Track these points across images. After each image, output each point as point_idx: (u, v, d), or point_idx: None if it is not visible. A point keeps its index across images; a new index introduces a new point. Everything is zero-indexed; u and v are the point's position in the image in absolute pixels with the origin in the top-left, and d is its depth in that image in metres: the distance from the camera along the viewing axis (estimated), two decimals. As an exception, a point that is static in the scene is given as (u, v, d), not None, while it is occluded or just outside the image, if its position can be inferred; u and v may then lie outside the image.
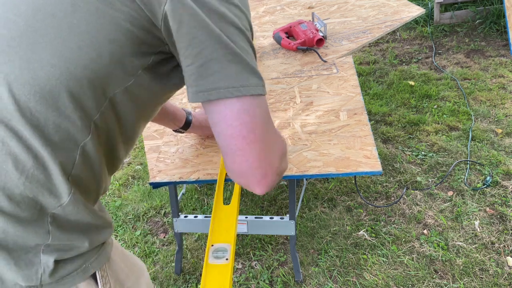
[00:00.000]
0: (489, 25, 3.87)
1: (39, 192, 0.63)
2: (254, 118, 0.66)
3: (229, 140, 0.67)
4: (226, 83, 0.64)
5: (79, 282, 0.70)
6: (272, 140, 0.72)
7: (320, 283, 1.79)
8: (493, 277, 1.71)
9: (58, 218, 0.65)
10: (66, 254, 0.68)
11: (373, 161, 1.32)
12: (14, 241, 0.63)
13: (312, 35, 1.87)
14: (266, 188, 0.73)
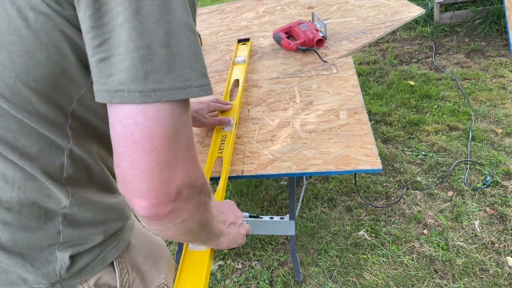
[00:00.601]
0: (489, 25, 3.87)
1: (37, 199, 0.62)
2: (157, 126, 0.52)
3: (117, 138, 0.53)
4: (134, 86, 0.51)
5: (99, 271, 0.70)
6: (179, 159, 0.55)
7: (320, 283, 1.78)
8: (493, 277, 1.71)
9: (68, 217, 0.65)
10: (81, 248, 0.67)
11: (373, 159, 1.32)
12: (25, 246, 0.63)
13: (312, 36, 1.87)
14: (150, 211, 0.56)
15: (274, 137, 1.49)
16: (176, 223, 0.60)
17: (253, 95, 1.69)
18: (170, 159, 0.54)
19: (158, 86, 0.51)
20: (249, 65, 1.88)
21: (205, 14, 2.46)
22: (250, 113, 1.61)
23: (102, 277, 0.71)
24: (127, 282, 0.75)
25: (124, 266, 0.74)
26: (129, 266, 0.76)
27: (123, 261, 0.75)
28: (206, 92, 0.56)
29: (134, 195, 0.55)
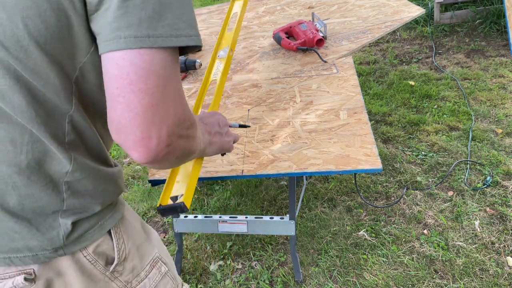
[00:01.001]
0: (489, 25, 3.87)
1: (43, 163, 0.66)
2: (151, 67, 0.57)
3: (113, 81, 0.58)
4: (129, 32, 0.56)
5: (97, 238, 0.75)
6: (170, 101, 0.60)
7: (320, 283, 1.78)
8: (493, 277, 1.71)
9: (71, 186, 0.70)
10: (82, 216, 0.72)
11: (373, 158, 1.32)
12: (32, 211, 0.68)
13: (312, 35, 1.87)
14: (146, 155, 0.60)
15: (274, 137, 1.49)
16: (171, 161, 0.66)
17: (253, 95, 1.69)
18: (163, 100, 0.58)
19: (151, 32, 0.57)
20: (249, 65, 1.88)
21: (205, 14, 2.45)
22: (250, 113, 1.61)
23: (100, 245, 0.77)
24: (124, 252, 0.81)
25: (120, 236, 0.80)
26: (125, 237, 0.81)
27: (119, 231, 0.80)
28: (195, 41, 0.61)
29: (130, 140, 0.59)
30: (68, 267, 0.75)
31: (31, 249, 0.70)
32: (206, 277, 1.88)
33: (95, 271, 0.78)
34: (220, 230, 1.74)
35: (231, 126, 1.14)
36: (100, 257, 0.78)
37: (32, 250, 0.71)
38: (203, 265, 1.93)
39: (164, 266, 0.92)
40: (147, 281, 0.88)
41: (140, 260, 0.87)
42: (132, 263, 0.84)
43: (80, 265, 0.76)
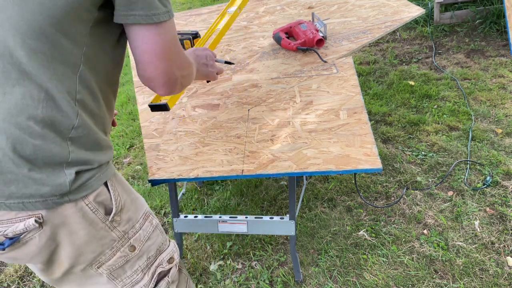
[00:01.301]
0: (489, 25, 3.87)
1: (54, 116, 0.82)
2: (165, 40, 0.87)
3: (144, 54, 0.87)
4: (142, 12, 0.83)
5: (97, 187, 0.90)
6: (177, 58, 0.92)
7: (320, 283, 1.78)
8: (493, 277, 1.71)
9: (74, 140, 0.86)
10: (83, 168, 0.88)
11: (373, 158, 1.32)
12: (43, 160, 0.82)
13: (312, 36, 1.87)
14: (167, 91, 0.94)
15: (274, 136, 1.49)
16: (181, 90, 1.00)
17: (253, 95, 1.69)
18: (175, 61, 0.91)
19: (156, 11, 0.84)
20: (249, 65, 1.88)
21: (205, 14, 2.46)
22: (250, 113, 1.61)
23: (99, 195, 0.91)
24: (120, 203, 0.95)
25: (115, 189, 0.95)
26: (119, 190, 0.96)
27: (114, 185, 0.95)
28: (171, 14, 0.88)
29: (156, 86, 0.92)
30: (72, 214, 0.88)
31: (42, 195, 0.83)
32: (206, 277, 1.88)
33: (97, 220, 0.91)
34: (220, 230, 1.74)
35: (218, 61, 1.47)
36: (100, 206, 0.91)
37: (43, 196, 0.83)
38: (203, 265, 1.94)
39: (154, 219, 1.07)
40: (142, 232, 1.02)
41: (134, 212, 1.00)
42: (128, 214, 0.98)
43: (83, 212, 0.89)
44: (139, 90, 1.82)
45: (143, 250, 1.03)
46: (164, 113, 1.66)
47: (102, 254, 0.95)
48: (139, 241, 1.01)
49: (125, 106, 3.50)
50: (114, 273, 1.00)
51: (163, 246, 1.09)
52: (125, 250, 0.98)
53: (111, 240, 0.95)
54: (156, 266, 1.07)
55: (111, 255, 0.96)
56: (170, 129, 1.58)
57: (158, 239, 1.07)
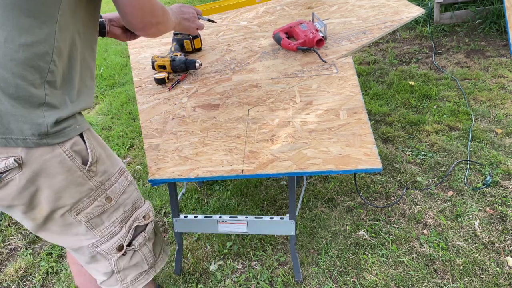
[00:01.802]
0: (489, 25, 3.87)
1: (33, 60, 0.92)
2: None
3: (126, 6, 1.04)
4: None
5: (73, 136, 1.00)
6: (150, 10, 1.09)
7: (320, 283, 1.78)
8: (493, 277, 1.71)
9: (51, 84, 0.96)
10: (60, 113, 0.97)
11: (373, 158, 1.32)
12: (24, 100, 0.92)
13: (312, 36, 1.87)
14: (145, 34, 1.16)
15: (274, 136, 1.49)
16: (157, 33, 1.19)
17: (253, 95, 1.69)
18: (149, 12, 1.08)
19: None
20: (249, 65, 1.88)
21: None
22: (250, 113, 1.61)
23: (75, 144, 1.00)
24: (96, 154, 1.05)
25: (91, 142, 1.04)
26: (95, 143, 1.05)
27: (90, 137, 1.04)
28: None
29: (136, 28, 1.10)
30: (51, 159, 0.96)
31: (23, 132, 0.92)
32: (206, 277, 1.88)
33: (74, 167, 1.00)
34: (220, 230, 1.74)
35: (201, 19, 1.62)
36: (77, 154, 1.00)
37: (23, 134, 0.92)
38: (203, 265, 1.94)
39: (129, 175, 1.17)
40: (117, 185, 1.11)
41: (110, 166, 1.10)
42: (103, 167, 1.07)
43: (61, 159, 0.98)
44: (139, 90, 1.82)
45: (119, 203, 1.13)
46: (164, 113, 1.66)
47: (80, 201, 1.04)
48: (115, 193, 1.11)
49: (125, 106, 3.51)
50: (92, 222, 1.09)
51: (139, 203, 1.20)
52: (102, 200, 1.08)
53: (88, 188, 1.05)
54: (132, 220, 1.17)
55: (88, 203, 1.06)
56: (170, 129, 1.58)
57: (133, 194, 1.17)
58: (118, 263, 1.19)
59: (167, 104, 1.70)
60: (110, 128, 3.21)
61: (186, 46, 2.00)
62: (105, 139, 3.05)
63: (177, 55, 1.86)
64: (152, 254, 1.28)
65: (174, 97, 1.74)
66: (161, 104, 1.71)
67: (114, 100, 3.63)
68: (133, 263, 1.23)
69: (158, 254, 1.32)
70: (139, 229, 1.21)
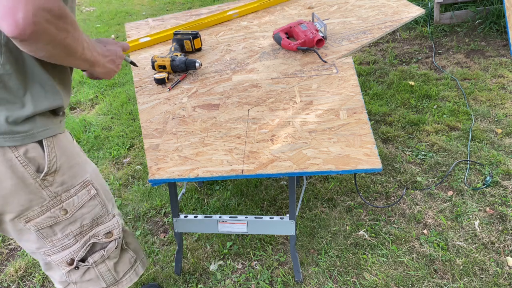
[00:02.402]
0: (489, 25, 3.87)
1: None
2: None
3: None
4: None
5: (27, 143, 0.91)
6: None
7: (320, 283, 1.78)
8: (493, 277, 1.71)
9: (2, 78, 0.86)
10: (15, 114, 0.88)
11: (373, 158, 1.32)
12: None
13: (312, 36, 1.87)
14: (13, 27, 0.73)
15: (274, 136, 1.49)
16: (42, 43, 0.79)
17: (253, 95, 1.69)
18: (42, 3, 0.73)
19: None
20: (249, 65, 1.88)
21: (205, 14, 2.46)
22: (250, 113, 1.61)
23: (30, 151, 0.92)
24: (55, 164, 0.96)
25: (53, 150, 0.95)
26: (58, 152, 0.96)
27: (52, 146, 0.95)
28: None
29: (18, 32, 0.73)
30: (1, 162, 0.89)
31: None
32: (206, 277, 1.88)
33: (26, 175, 0.93)
34: (220, 230, 1.74)
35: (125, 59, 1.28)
36: (31, 162, 0.92)
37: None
38: (203, 265, 1.94)
39: (93, 190, 1.08)
40: (76, 198, 1.03)
41: (71, 178, 1.01)
42: (62, 178, 0.99)
43: (11, 164, 0.90)
44: (139, 90, 1.82)
45: (76, 216, 1.05)
46: (164, 113, 1.66)
47: (30, 210, 0.98)
48: (72, 206, 1.04)
49: (125, 106, 3.51)
50: (43, 232, 1.03)
51: (102, 219, 1.11)
52: (55, 211, 1.01)
53: (40, 198, 0.98)
54: (90, 236, 1.10)
55: (40, 212, 0.99)
56: (170, 129, 1.58)
57: (95, 209, 1.09)
58: (69, 275, 1.14)
59: (167, 104, 1.70)
60: (110, 128, 3.21)
61: (186, 46, 2.00)
62: (105, 139, 3.06)
63: (177, 55, 1.86)
64: (112, 273, 1.20)
65: (174, 97, 1.74)
66: (161, 104, 1.71)
67: (114, 100, 3.63)
68: (86, 279, 1.17)
69: (123, 273, 1.24)
70: (97, 246, 1.14)
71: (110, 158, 2.83)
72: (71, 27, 0.83)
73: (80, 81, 4.12)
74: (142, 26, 2.43)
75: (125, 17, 6.03)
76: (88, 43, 0.93)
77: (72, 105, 3.66)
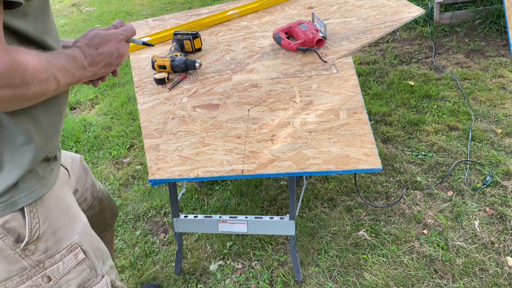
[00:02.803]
0: (489, 25, 3.87)
1: None
2: None
3: None
4: None
5: (6, 214, 0.80)
6: None
7: (320, 283, 1.78)
8: (493, 277, 1.71)
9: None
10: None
11: (373, 158, 1.32)
12: None
13: (312, 36, 1.87)
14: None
15: (274, 136, 1.49)
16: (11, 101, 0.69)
17: (253, 95, 1.69)
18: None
19: None
20: (249, 65, 1.88)
21: (205, 14, 2.46)
22: (250, 113, 1.61)
23: (9, 221, 0.81)
24: (38, 231, 0.86)
25: (35, 216, 0.85)
26: (41, 218, 0.86)
27: (35, 211, 0.84)
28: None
29: None
30: None
31: None
32: (206, 277, 1.88)
33: (4, 246, 0.82)
34: (220, 230, 1.74)
35: (134, 42, 1.11)
36: (9, 233, 0.82)
37: None
38: (203, 265, 1.94)
39: (82, 253, 0.97)
40: (61, 264, 0.93)
41: (55, 243, 0.91)
42: (45, 245, 0.89)
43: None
44: (139, 90, 1.82)
45: (60, 283, 0.95)
46: (164, 113, 1.66)
47: (9, 280, 0.88)
48: (57, 273, 0.94)
49: (125, 106, 3.51)
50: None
51: (90, 282, 1.01)
52: (37, 279, 0.91)
53: (20, 268, 0.88)
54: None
55: (19, 282, 0.90)
56: (170, 129, 1.58)
57: (83, 274, 0.99)
58: None
59: (167, 104, 1.70)
60: (110, 128, 3.21)
61: (186, 46, 2.01)
62: (105, 139, 3.06)
63: (177, 55, 1.86)
64: None
65: (174, 97, 1.74)
66: (161, 104, 1.71)
67: (114, 100, 3.63)
68: None
69: None
70: None
71: (110, 158, 2.83)
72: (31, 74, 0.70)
73: (80, 81, 4.12)
74: (142, 26, 2.43)
75: (125, 17, 6.03)
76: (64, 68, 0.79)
77: (72, 105, 3.66)
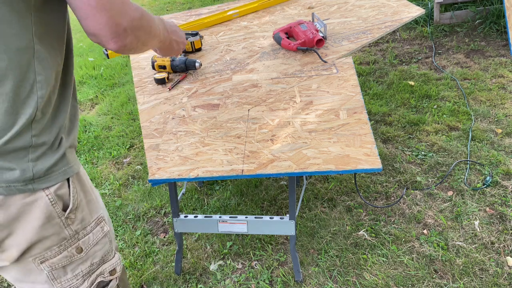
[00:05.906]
0: (489, 25, 3.87)
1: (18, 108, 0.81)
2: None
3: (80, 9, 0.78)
4: None
5: (60, 180, 0.90)
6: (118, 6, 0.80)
7: (320, 283, 1.79)
8: (493, 277, 1.71)
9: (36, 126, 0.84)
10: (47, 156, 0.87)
11: (373, 158, 1.32)
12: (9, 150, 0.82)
13: (312, 36, 1.87)
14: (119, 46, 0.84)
15: (274, 136, 1.49)
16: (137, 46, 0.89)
17: (253, 95, 1.69)
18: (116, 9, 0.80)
19: None
20: (249, 65, 1.88)
21: (205, 14, 2.46)
22: (250, 113, 1.61)
23: (60, 188, 0.90)
24: (77, 200, 0.94)
25: (75, 186, 0.94)
26: (78, 188, 0.95)
27: (75, 181, 0.94)
28: None
29: (104, 40, 0.82)
30: (31, 203, 0.86)
31: (8, 180, 0.83)
32: (206, 277, 1.88)
33: (54, 213, 0.90)
34: (220, 230, 1.74)
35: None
36: (59, 199, 0.90)
37: (8, 182, 0.83)
38: (203, 265, 1.94)
39: (106, 226, 1.05)
40: (91, 236, 1.00)
41: (89, 213, 0.99)
42: (82, 214, 0.97)
43: (42, 204, 0.88)
44: (139, 90, 1.82)
45: (89, 255, 1.01)
46: (164, 113, 1.66)
47: (49, 250, 0.93)
48: (87, 244, 0.99)
49: (125, 106, 3.51)
50: (55, 273, 0.97)
51: (108, 256, 1.07)
52: (72, 250, 0.96)
53: (62, 237, 0.93)
54: (97, 274, 1.05)
55: (57, 252, 0.94)
56: (170, 129, 1.58)
57: (105, 246, 1.05)
58: None
59: (167, 104, 1.70)
60: (110, 128, 3.21)
61: (186, 46, 2.01)
62: (105, 139, 3.06)
63: (177, 55, 1.86)
64: None
65: (174, 97, 1.74)
66: (161, 104, 1.71)
67: (114, 100, 3.63)
68: None
69: None
70: (101, 284, 1.08)
71: (110, 158, 2.83)
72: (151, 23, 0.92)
73: (80, 81, 4.12)
74: (142, 26, 2.43)
75: (125, 17, 6.03)
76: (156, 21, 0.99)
77: (72, 105, 3.66)
